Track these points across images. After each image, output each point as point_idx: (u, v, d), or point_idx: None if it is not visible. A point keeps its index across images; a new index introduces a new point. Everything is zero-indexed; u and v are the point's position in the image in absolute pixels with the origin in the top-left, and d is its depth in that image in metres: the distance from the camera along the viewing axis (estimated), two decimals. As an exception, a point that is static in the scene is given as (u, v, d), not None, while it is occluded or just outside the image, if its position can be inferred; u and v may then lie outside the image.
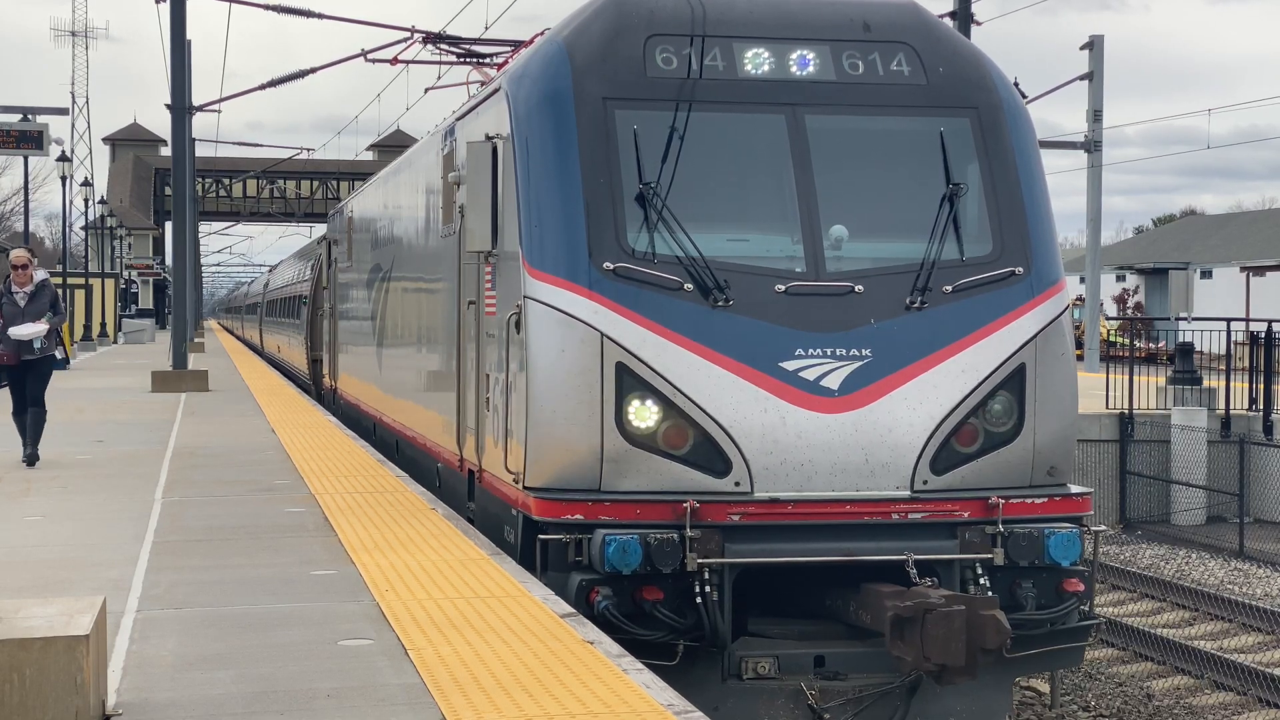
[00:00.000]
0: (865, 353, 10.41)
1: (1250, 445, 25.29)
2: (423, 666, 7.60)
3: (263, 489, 14.55)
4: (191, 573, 10.25)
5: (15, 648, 6.37)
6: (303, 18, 30.70)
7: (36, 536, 11.92)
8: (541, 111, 10.95)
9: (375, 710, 6.86)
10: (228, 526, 12.22)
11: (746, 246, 10.78)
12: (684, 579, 10.00)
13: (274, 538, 11.64)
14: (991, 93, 11.46)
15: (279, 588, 9.70)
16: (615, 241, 10.50)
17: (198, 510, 13.19)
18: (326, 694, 7.12)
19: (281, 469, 16.21)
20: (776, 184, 11.01)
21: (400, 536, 11.59)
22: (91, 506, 13.58)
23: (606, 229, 10.52)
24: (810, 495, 10.29)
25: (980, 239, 11.04)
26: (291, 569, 10.33)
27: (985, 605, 9.64)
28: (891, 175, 11.23)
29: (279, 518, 12.68)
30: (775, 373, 10.30)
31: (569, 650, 7.93)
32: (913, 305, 10.63)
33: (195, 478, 15.57)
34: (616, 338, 10.26)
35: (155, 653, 7.98)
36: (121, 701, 7.03)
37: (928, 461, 10.46)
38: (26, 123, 45.91)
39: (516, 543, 10.86)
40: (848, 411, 10.33)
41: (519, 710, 6.80)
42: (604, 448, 10.26)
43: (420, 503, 13.49)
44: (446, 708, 6.85)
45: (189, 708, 6.94)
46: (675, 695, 7.13)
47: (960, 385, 10.54)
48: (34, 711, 6.37)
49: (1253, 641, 18.09)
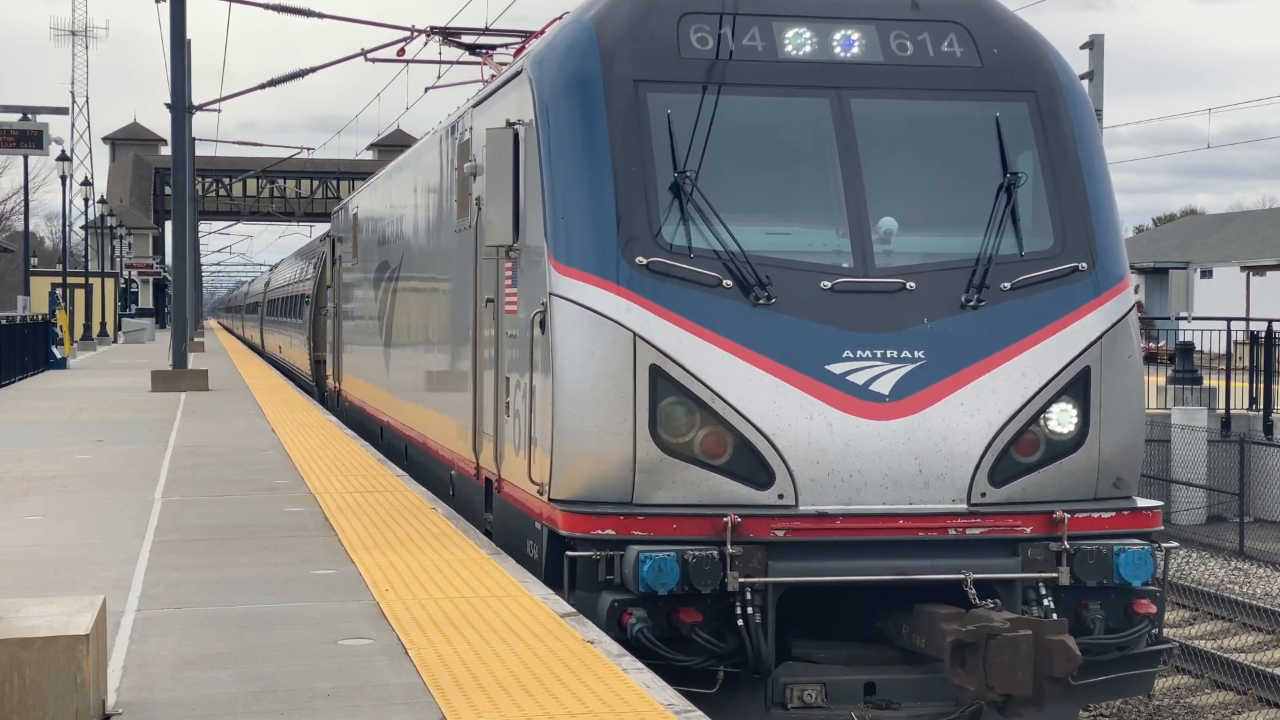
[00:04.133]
0: (918, 355, 9.80)
1: (1250, 445, 25.30)
2: (423, 666, 7.59)
3: (263, 488, 14.55)
4: (191, 572, 10.24)
5: (15, 647, 6.37)
6: (303, 17, 30.73)
7: (36, 536, 11.91)
8: (568, 95, 10.28)
9: (375, 710, 6.85)
10: (228, 526, 12.22)
11: (788, 240, 10.13)
12: (724, 599, 9.38)
13: (274, 537, 11.64)
14: (1050, 75, 10.77)
15: (279, 587, 9.69)
16: (648, 234, 9.87)
17: (198, 510, 13.19)
18: (326, 694, 7.12)
19: (281, 468, 16.20)
20: (820, 173, 10.35)
21: (400, 536, 11.58)
22: (91, 506, 13.57)
23: (639, 221, 9.89)
24: (860, 509, 9.64)
25: (1040, 232, 10.41)
26: (291, 568, 10.32)
27: (1053, 630, 8.96)
28: (944, 164, 10.56)
29: (279, 517, 12.68)
30: (821, 376, 9.69)
31: (569, 650, 7.93)
32: (968, 304, 10.01)
33: (195, 477, 15.56)
34: (650, 338, 9.65)
35: (155, 652, 7.98)
36: (121, 701, 7.03)
37: (986, 472, 9.82)
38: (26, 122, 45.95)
39: (541, 559, 10.26)
40: (900, 418, 9.70)
41: (519, 710, 6.80)
42: (637, 457, 9.62)
43: (420, 502, 13.48)
44: (446, 707, 6.85)
45: (189, 707, 6.93)
46: (675, 695, 7.13)
47: (1020, 390, 9.91)
48: (34, 711, 6.37)
49: (1253, 641, 18.10)
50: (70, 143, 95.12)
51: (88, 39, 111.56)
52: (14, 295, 66.34)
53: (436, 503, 13.48)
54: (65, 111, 56.50)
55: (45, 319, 42.46)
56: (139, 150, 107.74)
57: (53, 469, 16.36)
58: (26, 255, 61.74)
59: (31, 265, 63.46)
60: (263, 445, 18.71)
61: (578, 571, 9.53)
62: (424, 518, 12.55)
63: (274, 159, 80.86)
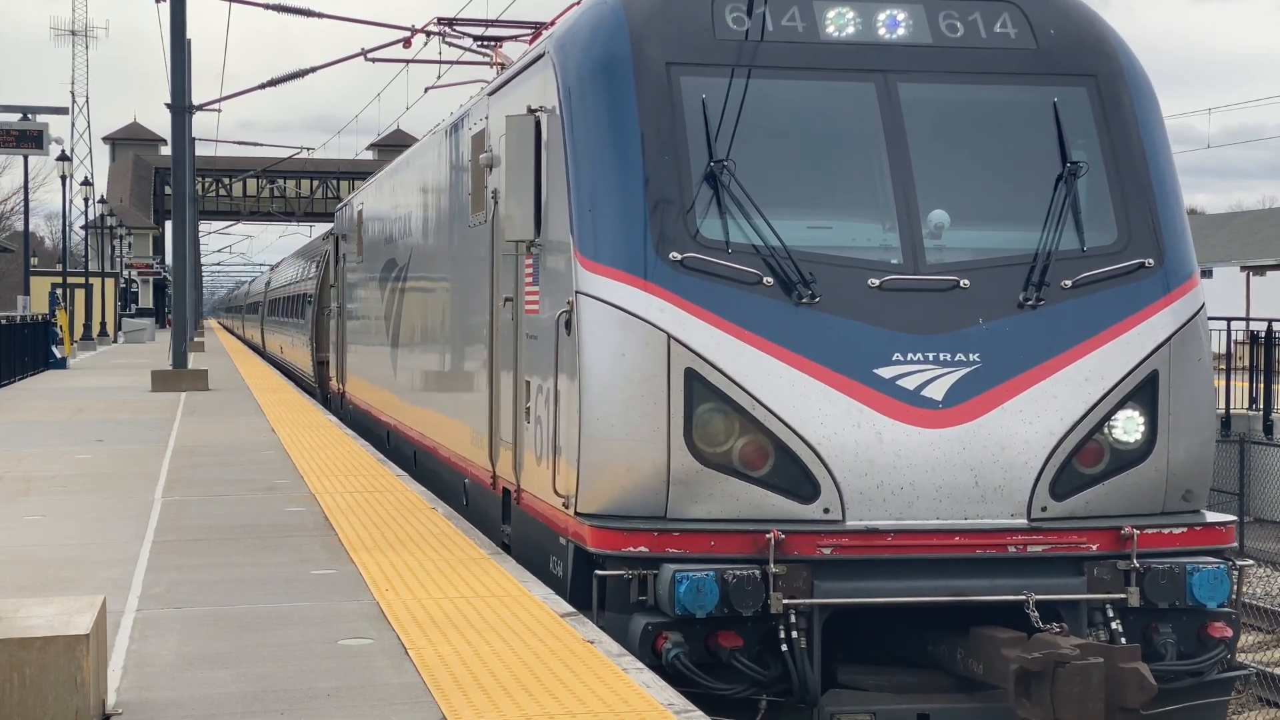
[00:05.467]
0: (973, 358, 9.15)
1: (1250, 444, 25.29)
2: (423, 666, 7.59)
3: (263, 488, 14.55)
4: (191, 572, 10.25)
5: (15, 647, 6.37)
6: (303, 17, 30.74)
7: (36, 536, 11.92)
8: (595, 79, 9.63)
9: (375, 710, 6.85)
10: (228, 526, 12.22)
11: (831, 235, 9.49)
12: (766, 622, 8.72)
13: (274, 537, 11.64)
14: (1111, 59, 10.11)
15: (279, 587, 9.70)
16: (682, 228, 9.22)
17: (198, 509, 13.19)
18: (326, 693, 7.12)
19: (281, 468, 16.21)
20: (866, 163, 9.68)
21: (400, 536, 11.59)
22: (91, 506, 13.57)
23: (672, 213, 9.25)
24: (912, 524, 8.97)
25: (1103, 226, 9.73)
26: (291, 568, 10.33)
27: (1126, 657, 8.31)
28: (998, 153, 9.92)
29: (279, 517, 12.68)
30: (870, 381, 9.03)
31: (569, 649, 7.93)
32: (1027, 303, 9.36)
33: (195, 477, 15.57)
34: (685, 339, 8.99)
35: (155, 652, 7.98)
36: (121, 701, 7.03)
37: (1047, 485, 9.13)
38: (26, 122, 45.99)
39: (566, 577, 9.58)
40: (954, 426, 9.04)
41: (519, 710, 6.80)
42: (671, 468, 8.95)
43: (420, 502, 13.49)
44: (446, 707, 6.85)
45: (189, 707, 6.94)
46: (675, 695, 7.13)
47: (1083, 396, 9.23)
48: (34, 711, 6.37)
49: (1253, 641, 18.10)
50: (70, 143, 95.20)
51: (88, 39, 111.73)
52: (14, 295, 66.35)
53: (436, 503, 13.48)
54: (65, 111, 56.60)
55: (45, 319, 42.48)
56: (139, 150, 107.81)
57: (53, 469, 16.37)
58: (26, 255, 61.77)
59: (31, 265, 63.50)
60: (263, 445, 18.71)
61: (608, 592, 8.92)
62: (424, 518, 12.55)
63: (274, 159, 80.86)
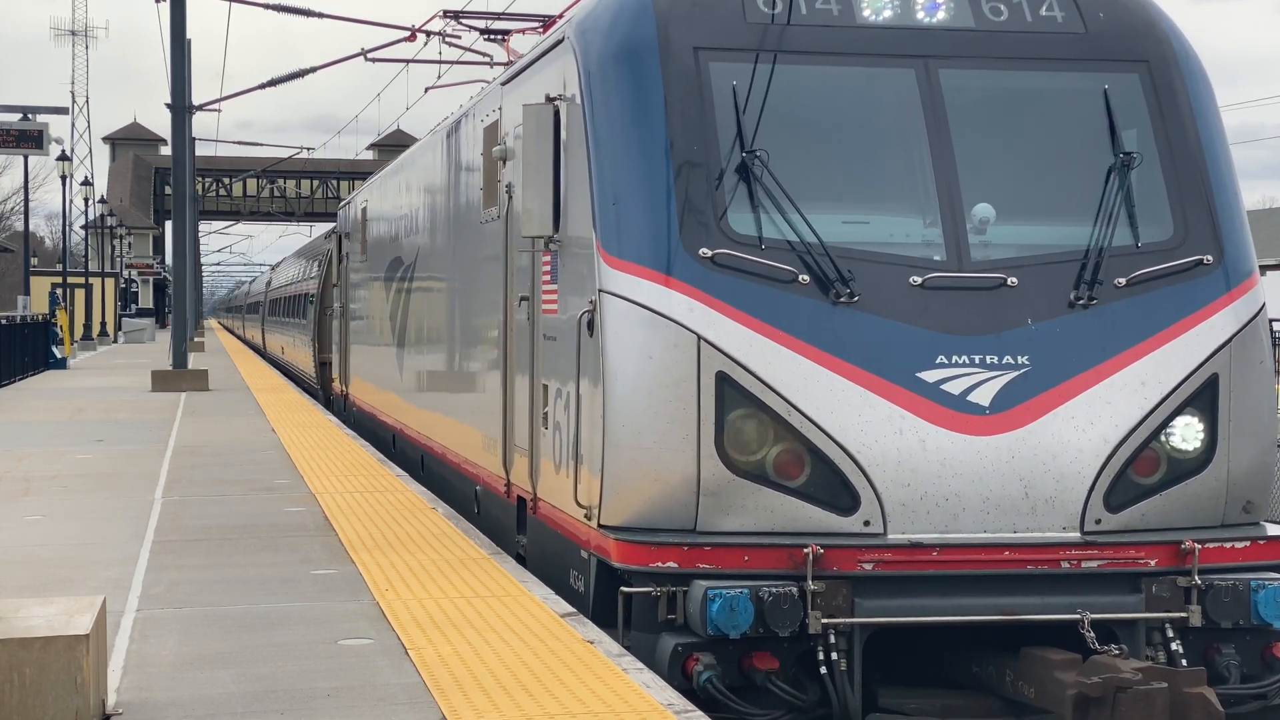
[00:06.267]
0: (1022, 360, 8.63)
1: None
2: (423, 666, 7.59)
3: (263, 488, 14.56)
4: (191, 572, 10.25)
5: (15, 647, 6.37)
6: (303, 17, 30.76)
7: (36, 536, 11.92)
8: (619, 65, 9.14)
9: (375, 710, 6.85)
10: (228, 526, 12.22)
11: (868, 229, 8.99)
12: (804, 643, 8.20)
13: (274, 537, 11.64)
14: (1163, 44, 9.62)
15: (279, 587, 9.70)
16: (713, 222, 8.72)
17: (198, 509, 13.19)
18: (326, 694, 7.12)
19: (281, 468, 16.21)
20: (906, 153, 9.19)
21: (400, 536, 11.59)
22: (91, 506, 13.58)
23: (702, 207, 8.75)
24: (958, 538, 8.43)
25: (1158, 220, 9.21)
26: (291, 568, 10.33)
27: (1191, 681, 7.83)
28: (1046, 143, 9.40)
29: (279, 517, 12.68)
30: (912, 385, 8.52)
31: (569, 650, 7.93)
32: (1078, 302, 8.84)
33: (195, 477, 15.57)
34: (716, 341, 8.48)
35: (155, 652, 7.98)
36: (121, 701, 7.03)
37: (1101, 496, 8.60)
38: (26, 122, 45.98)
39: (588, 593, 9.06)
40: (1002, 433, 8.51)
41: (519, 710, 6.80)
42: (701, 477, 8.43)
43: (420, 502, 13.49)
44: (446, 707, 6.85)
45: (189, 707, 6.94)
46: (675, 695, 7.13)
47: (1139, 401, 8.71)
48: (34, 711, 6.37)
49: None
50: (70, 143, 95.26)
51: (88, 39, 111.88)
52: (14, 295, 66.42)
53: (436, 502, 13.48)
54: (65, 111, 56.55)
55: (45, 319, 42.50)
56: (139, 150, 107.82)
57: (53, 469, 16.37)
58: (26, 255, 61.80)
59: (31, 265, 63.55)
60: (263, 445, 18.71)
61: (634, 610, 8.39)
62: (424, 518, 12.55)
63: (274, 159, 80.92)
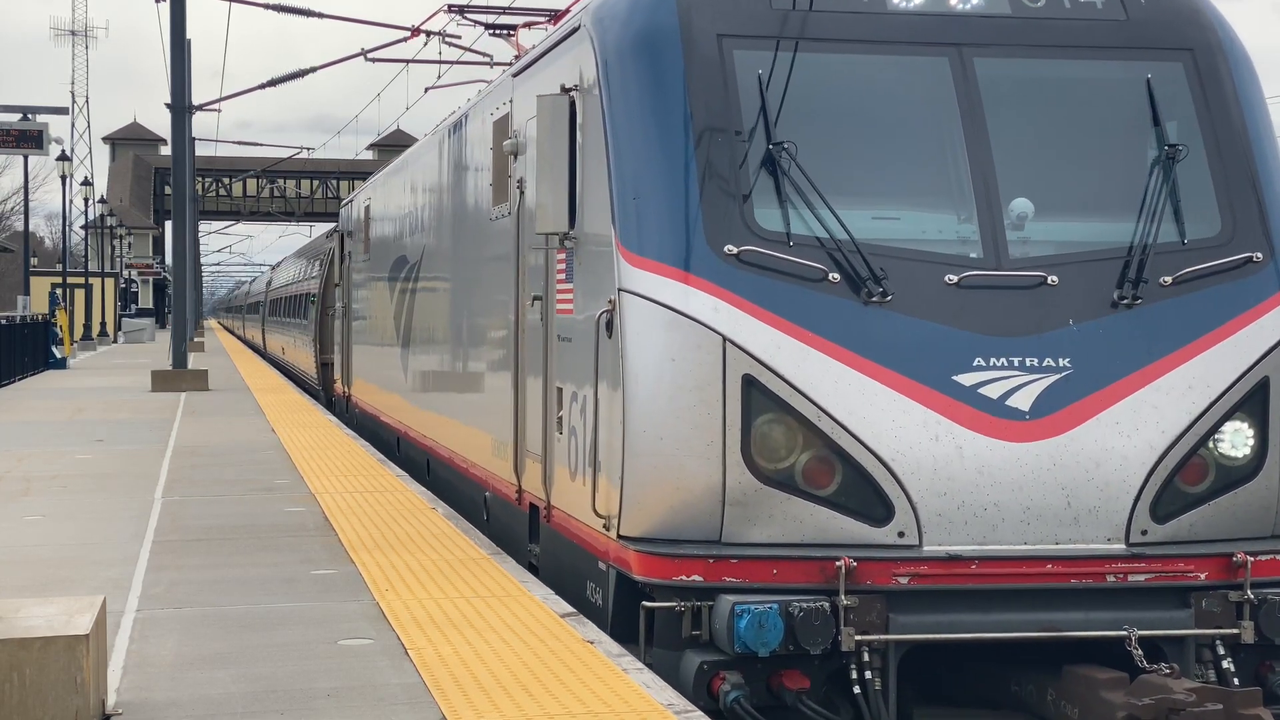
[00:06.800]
0: (1063, 363, 8.27)
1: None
2: (423, 666, 7.59)
3: (263, 488, 14.56)
4: (191, 572, 10.25)
5: (15, 647, 6.37)
6: (303, 17, 30.77)
7: (36, 536, 11.92)
8: (638, 53, 8.79)
9: (375, 710, 6.86)
10: (228, 526, 12.22)
11: (900, 226, 8.61)
12: (836, 661, 7.88)
13: (274, 537, 11.64)
14: (1208, 31, 9.25)
15: (279, 587, 9.70)
16: (738, 218, 8.35)
17: (198, 509, 13.20)
18: (326, 694, 7.12)
19: (281, 468, 16.21)
20: (939, 146, 8.83)
21: (400, 536, 11.59)
22: (91, 506, 13.58)
23: (727, 202, 8.37)
24: (998, 550, 8.05)
25: (1204, 216, 8.84)
26: (291, 568, 10.33)
27: (1247, 702, 7.49)
28: (1086, 135, 9.02)
29: (279, 517, 12.68)
30: (948, 389, 8.16)
31: (569, 650, 7.93)
32: (1122, 301, 8.48)
33: (195, 477, 15.57)
34: (742, 342, 8.11)
35: (155, 652, 7.98)
36: (121, 701, 7.03)
37: (1147, 505, 8.22)
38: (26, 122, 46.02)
39: (606, 607, 8.76)
40: (1043, 440, 8.14)
41: (519, 710, 6.80)
42: (726, 486, 8.05)
43: (420, 502, 13.49)
44: (446, 707, 6.85)
45: (189, 707, 6.94)
46: (675, 695, 7.13)
47: (1187, 406, 8.33)
48: (34, 711, 6.37)
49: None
50: (70, 143, 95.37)
51: (88, 39, 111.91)
52: (14, 295, 66.42)
53: (436, 502, 13.48)
54: (65, 111, 56.59)
55: (45, 319, 42.50)
56: (139, 150, 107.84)
57: (53, 469, 16.37)
58: (26, 255, 61.80)
59: (31, 265, 63.55)
60: (263, 445, 18.72)
61: (656, 626, 8.08)
62: (424, 518, 12.55)
63: (274, 159, 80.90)
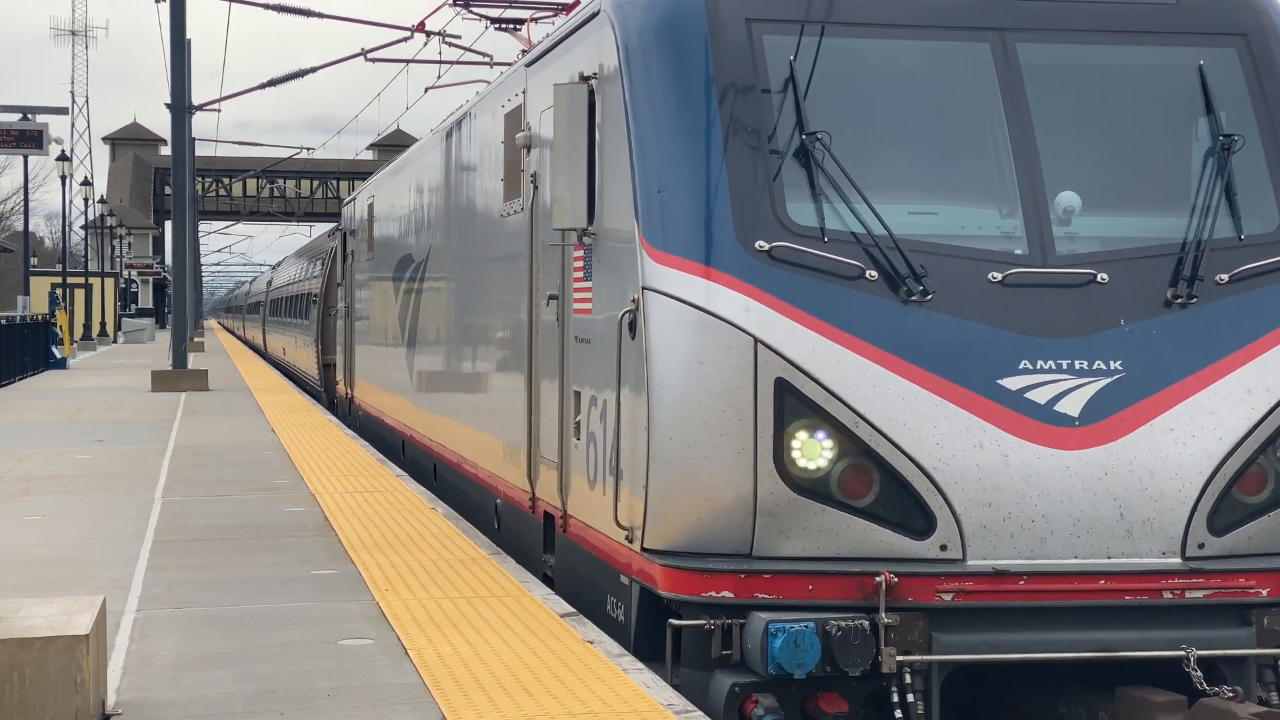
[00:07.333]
0: (1114, 366, 7.82)
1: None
2: (423, 666, 7.59)
3: (263, 488, 14.56)
4: (191, 572, 10.25)
5: (15, 647, 6.37)
6: (303, 17, 30.77)
7: (36, 536, 11.92)
8: (661, 38, 8.35)
9: (375, 710, 6.85)
10: (228, 526, 12.23)
11: (938, 221, 8.18)
12: (875, 682, 7.43)
13: (274, 537, 11.64)
14: (1262, 15, 8.83)
15: (279, 587, 9.70)
16: (769, 212, 7.92)
17: (198, 509, 13.20)
18: (326, 694, 7.12)
19: (281, 468, 16.21)
20: (981, 136, 8.40)
21: (400, 536, 11.59)
22: (91, 506, 13.58)
23: (757, 195, 7.94)
24: (1047, 565, 7.59)
25: (1262, 210, 8.44)
26: (291, 568, 10.33)
27: None
28: (1135, 124, 8.59)
29: (279, 517, 12.69)
30: (993, 393, 7.70)
31: (569, 650, 7.93)
32: (1176, 300, 8.03)
33: (195, 477, 15.57)
34: (775, 344, 7.67)
35: (155, 652, 7.98)
36: (121, 701, 7.03)
37: (1205, 517, 7.73)
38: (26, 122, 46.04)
39: (629, 623, 8.33)
40: (1094, 447, 7.67)
41: (519, 710, 6.80)
42: (758, 496, 7.60)
43: (420, 502, 13.49)
44: (446, 707, 6.85)
45: (189, 707, 6.94)
46: (675, 695, 7.12)
47: (1245, 411, 7.87)
48: (34, 711, 6.37)
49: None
50: (70, 143, 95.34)
51: (88, 39, 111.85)
52: (14, 295, 66.42)
53: (436, 502, 13.48)
54: (65, 111, 56.66)
55: (45, 319, 42.51)
56: (139, 150, 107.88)
57: (53, 469, 16.37)
58: (26, 255, 61.81)
59: (31, 265, 63.58)
60: (263, 445, 18.72)
61: (684, 644, 7.65)
62: (424, 518, 12.55)
63: (274, 159, 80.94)
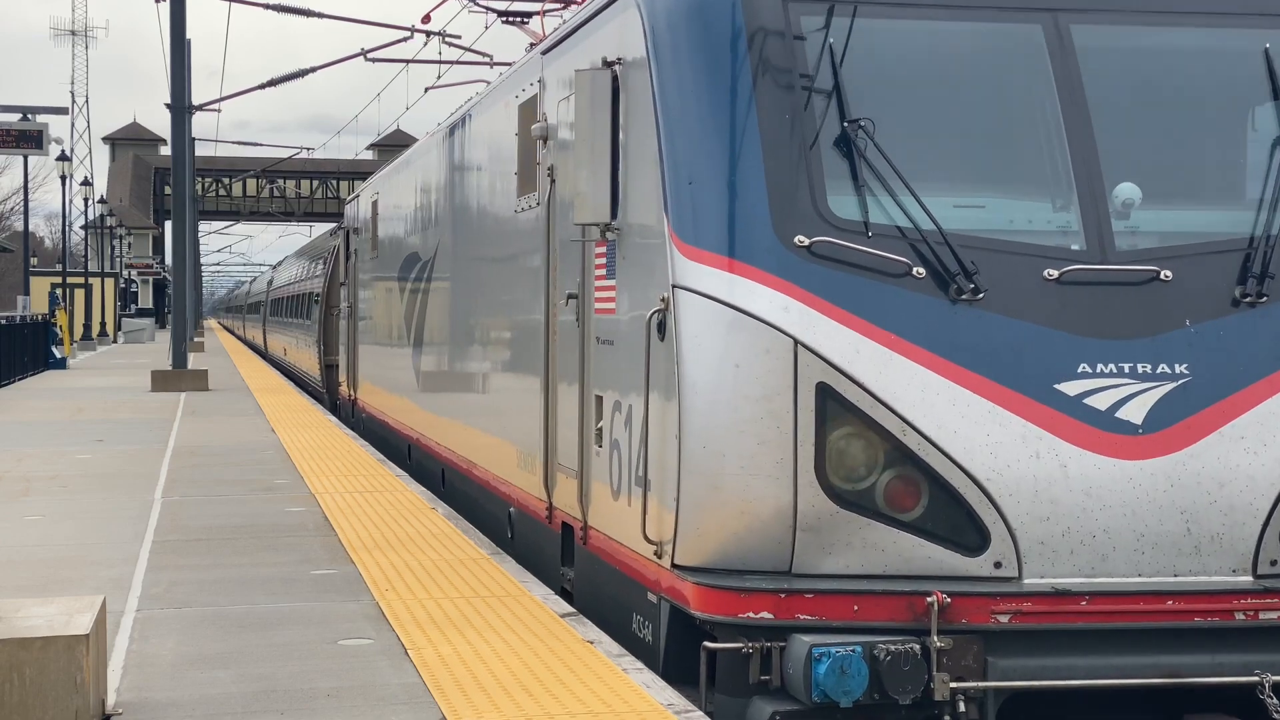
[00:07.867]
0: (1180, 370, 7.31)
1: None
2: (423, 666, 7.60)
3: (263, 488, 14.56)
4: (191, 572, 10.25)
5: (15, 647, 6.37)
6: (303, 17, 30.78)
7: (36, 536, 11.92)
8: (691, 20, 7.85)
9: (375, 710, 6.86)
10: (228, 526, 12.23)
11: (987, 214, 7.67)
12: (926, 709, 6.92)
13: (274, 537, 11.64)
14: None
15: (279, 587, 9.70)
16: (809, 205, 7.42)
17: (198, 509, 13.20)
18: (326, 694, 7.12)
19: (281, 468, 16.21)
20: (1033, 124, 7.91)
21: (400, 536, 11.59)
22: (91, 506, 13.58)
23: (796, 187, 7.45)
24: (1110, 584, 7.06)
25: None
26: (291, 568, 10.33)
27: None
28: (1199, 111, 8.11)
29: (279, 517, 12.69)
30: (1050, 399, 7.19)
31: (569, 650, 7.93)
32: (1245, 299, 7.52)
33: (195, 477, 15.57)
34: (816, 346, 7.16)
35: (155, 652, 7.98)
36: (121, 701, 7.03)
37: (1278, 532, 7.22)
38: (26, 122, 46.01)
39: (658, 645, 7.84)
40: (1159, 457, 7.17)
41: (519, 710, 6.80)
42: (798, 509, 7.10)
43: (420, 502, 13.49)
44: (446, 707, 6.85)
45: (189, 707, 6.94)
46: (675, 695, 7.12)
47: None
48: (34, 711, 6.37)
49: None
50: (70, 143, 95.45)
51: (87, 39, 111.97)
52: (14, 295, 66.44)
53: (436, 502, 13.48)
54: (65, 111, 56.56)
55: (45, 319, 42.51)
56: (139, 150, 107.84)
57: (53, 469, 16.37)
58: (26, 255, 61.83)
59: (31, 265, 63.60)
60: (263, 445, 18.72)
61: (719, 669, 7.15)
62: (424, 518, 12.55)
63: (274, 159, 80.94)
